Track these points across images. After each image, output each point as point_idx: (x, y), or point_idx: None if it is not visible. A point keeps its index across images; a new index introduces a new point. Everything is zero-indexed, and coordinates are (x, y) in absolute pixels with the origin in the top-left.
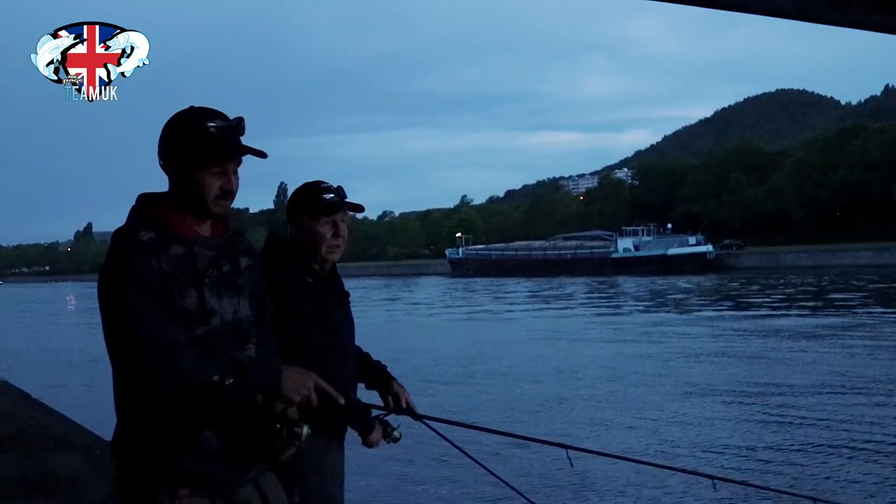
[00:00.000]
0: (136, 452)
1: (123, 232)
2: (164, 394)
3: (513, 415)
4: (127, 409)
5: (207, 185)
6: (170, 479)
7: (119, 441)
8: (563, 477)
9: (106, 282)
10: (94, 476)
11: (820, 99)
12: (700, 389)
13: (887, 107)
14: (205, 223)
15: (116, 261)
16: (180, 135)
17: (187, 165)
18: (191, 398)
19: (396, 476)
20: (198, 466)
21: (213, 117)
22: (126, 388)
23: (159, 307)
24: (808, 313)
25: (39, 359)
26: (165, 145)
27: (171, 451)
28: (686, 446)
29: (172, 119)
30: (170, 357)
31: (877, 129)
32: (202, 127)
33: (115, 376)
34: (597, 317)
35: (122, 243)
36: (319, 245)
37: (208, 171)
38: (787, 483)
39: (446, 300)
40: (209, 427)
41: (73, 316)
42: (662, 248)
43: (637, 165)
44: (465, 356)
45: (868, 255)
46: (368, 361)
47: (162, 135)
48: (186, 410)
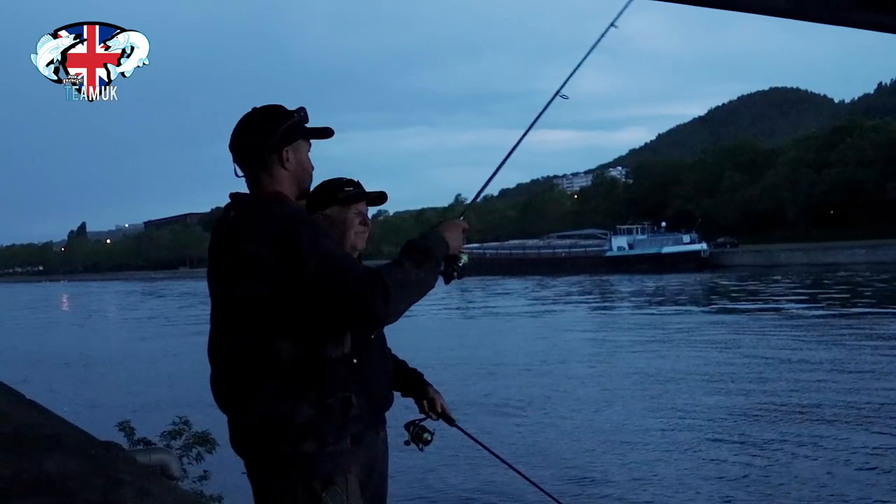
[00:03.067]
0: (308, 433)
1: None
2: (374, 302)
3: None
4: (289, 390)
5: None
6: (341, 454)
7: (280, 426)
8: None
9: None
10: (88, 476)
11: (814, 97)
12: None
13: (881, 105)
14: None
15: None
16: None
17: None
18: (396, 299)
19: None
20: (356, 430)
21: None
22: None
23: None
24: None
25: (33, 359)
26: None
27: (341, 424)
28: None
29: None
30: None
31: (870, 126)
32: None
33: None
34: (593, 315)
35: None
36: (348, 232)
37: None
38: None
39: (442, 299)
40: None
41: (67, 316)
42: (657, 246)
43: (631, 164)
44: (462, 357)
45: (862, 253)
46: (404, 369)
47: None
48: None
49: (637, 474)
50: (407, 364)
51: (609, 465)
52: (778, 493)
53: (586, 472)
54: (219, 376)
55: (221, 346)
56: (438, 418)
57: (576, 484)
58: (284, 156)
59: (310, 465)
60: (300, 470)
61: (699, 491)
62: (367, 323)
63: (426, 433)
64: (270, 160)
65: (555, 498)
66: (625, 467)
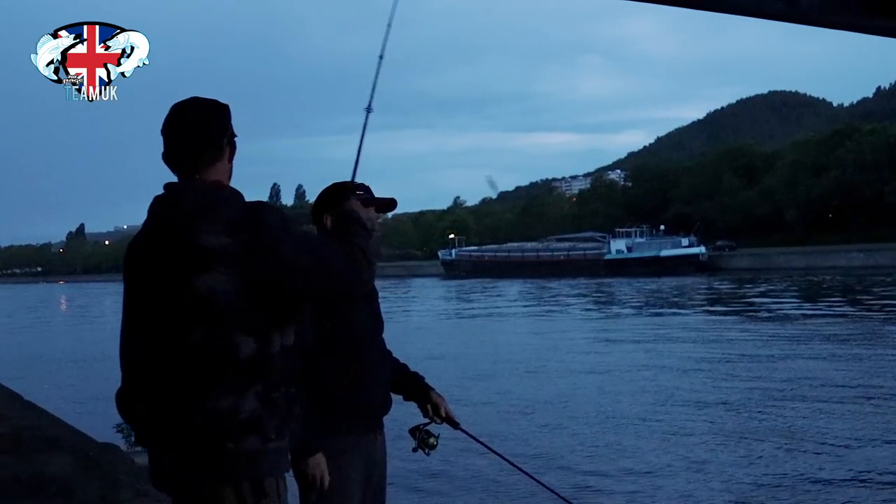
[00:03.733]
0: (250, 429)
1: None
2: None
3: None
4: (236, 386)
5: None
6: (279, 453)
7: (220, 421)
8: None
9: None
10: (86, 478)
11: (812, 100)
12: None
13: (879, 108)
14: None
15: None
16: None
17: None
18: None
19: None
20: (295, 435)
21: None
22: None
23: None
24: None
25: (31, 360)
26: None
27: (283, 423)
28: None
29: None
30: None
31: (868, 130)
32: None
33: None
34: (590, 318)
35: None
36: (363, 221)
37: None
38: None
39: (441, 301)
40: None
41: (65, 317)
42: (655, 249)
43: (630, 167)
44: (458, 358)
45: (860, 257)
46: (406, 372)
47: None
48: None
49: (638, 485)
50: (408, 368)
51: (611, 469)
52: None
53: (587, 476)
54: (160, 377)
55: (171, 345)
56: (443, 422)
57: (576, 489)
58: (230, 151)
59: (250, 462)
60: (240, 466)
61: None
62: (348, 299)
63: (431, 437)
64: (222, 153)
65: (565, 498)
66: (629, 475)
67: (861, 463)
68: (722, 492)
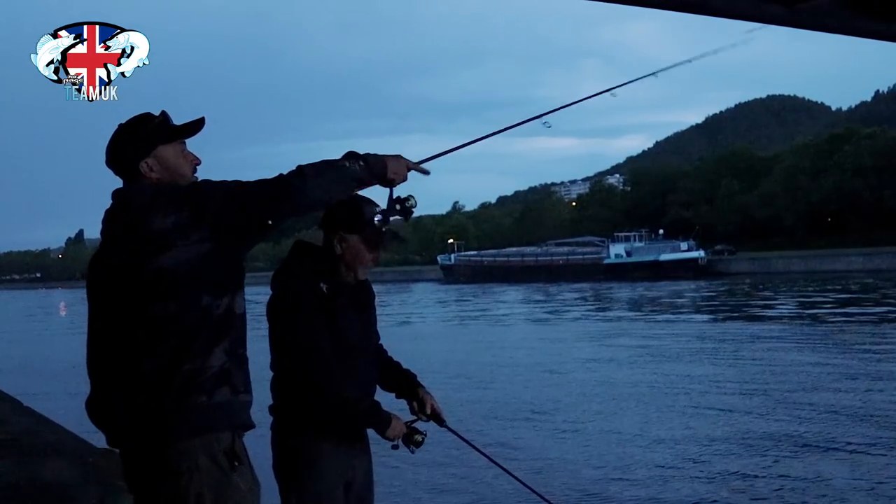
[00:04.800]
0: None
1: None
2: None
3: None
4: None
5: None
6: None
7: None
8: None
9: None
10: (85, 484)
11: (811, 105)
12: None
13: (878, 112)
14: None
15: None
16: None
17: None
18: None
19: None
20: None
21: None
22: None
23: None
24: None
25: (31, 366)
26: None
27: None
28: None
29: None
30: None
31: (867, 134)
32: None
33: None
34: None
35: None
36: (357, 266)
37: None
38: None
39: (439, 306)
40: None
41: (65, 322)
42: (654, 253)
43: (629, 171)
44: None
45: (860, 260)
46: (398, 370)
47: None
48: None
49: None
50: (401, 366)
51: (613, 478)
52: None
53: (590, 484)
54: (129, 358)
55: (140, 321)
56: (429, 419)
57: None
58: (144, 168)
59: (222, 412)
60: (214, 418)
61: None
62: (287, 202)
63: (417, 434)
64: (135, 173)
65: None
66: (634, 484)
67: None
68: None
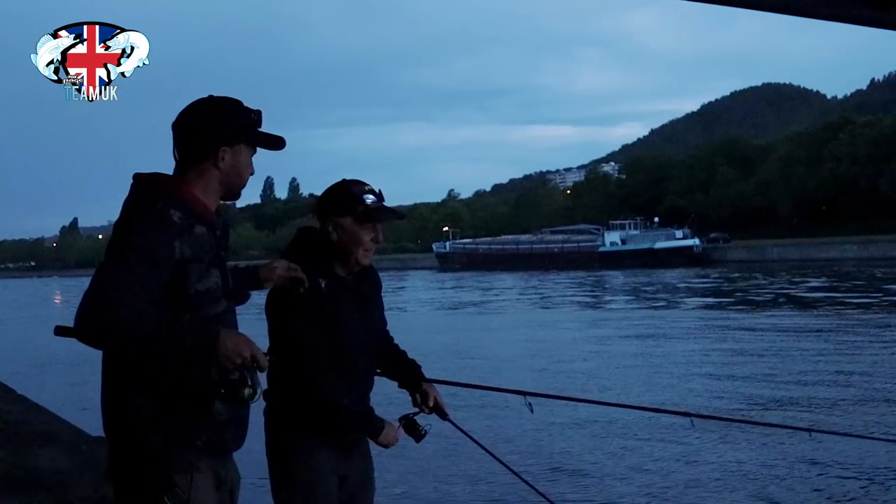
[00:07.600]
0: (153, 426)
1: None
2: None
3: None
4: (141, 386)
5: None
6: (187, 450)
7: (128, 418)
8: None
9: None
10: (79, 472)
11: (806, 93)
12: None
13: (873, 101)
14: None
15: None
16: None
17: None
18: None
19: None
20: (214, 437)
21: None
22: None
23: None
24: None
25: (23, 353)
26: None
27: (191, 424)
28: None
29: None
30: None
31: (862, 122)
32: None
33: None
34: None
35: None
36: (356, 249)
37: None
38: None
39: (433, 294)
40: (219, 400)
41: (59, 311)
42: (649, 241)
43: (624, 159)
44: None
45: (854, 249)
46: (403, 360)
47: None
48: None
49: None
50: (406, 355)
51: (608, 463)
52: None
53: (581, 469)
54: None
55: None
56: (431, 412)
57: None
58: (220, 155)
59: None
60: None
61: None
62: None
63: (419, 427)
64: (204, 155)
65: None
66: (631, 473)
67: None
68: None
